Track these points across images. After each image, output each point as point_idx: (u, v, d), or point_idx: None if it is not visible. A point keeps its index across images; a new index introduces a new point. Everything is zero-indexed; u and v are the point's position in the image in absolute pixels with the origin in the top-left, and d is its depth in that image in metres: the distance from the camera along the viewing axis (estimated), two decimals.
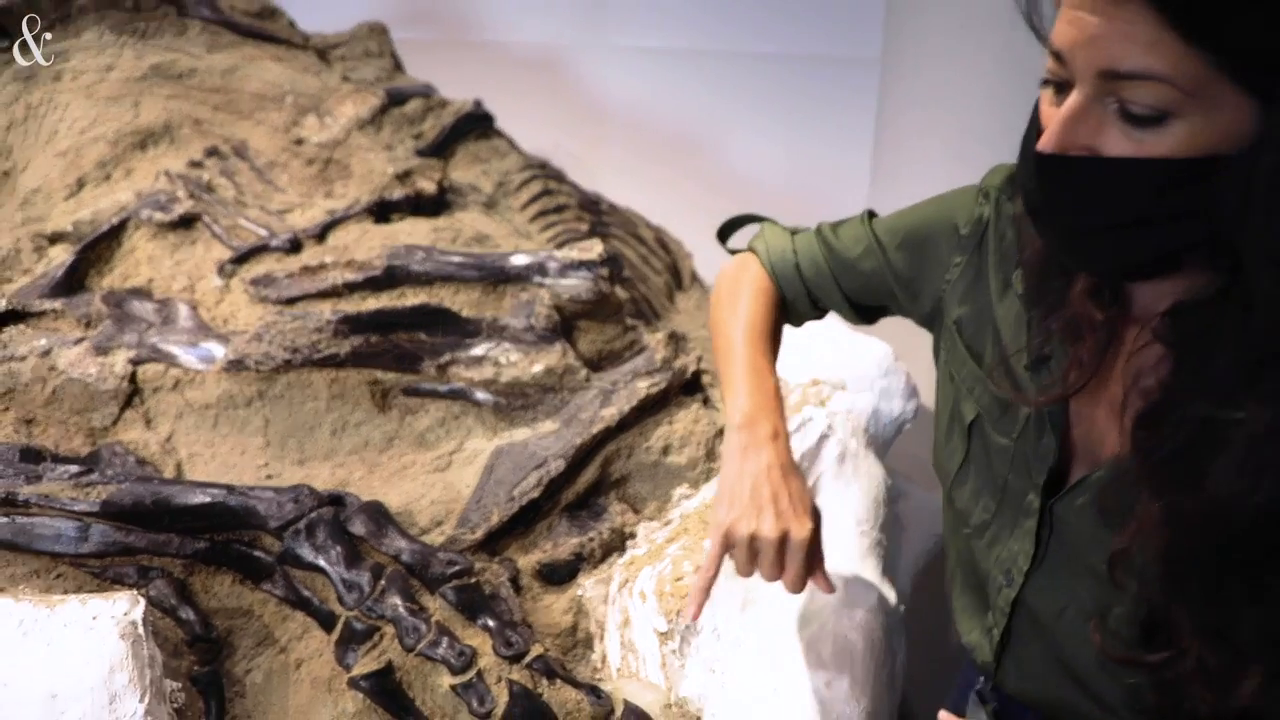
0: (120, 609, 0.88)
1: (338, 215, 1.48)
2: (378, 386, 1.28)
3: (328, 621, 1.01)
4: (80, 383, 1.24)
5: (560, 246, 1.45)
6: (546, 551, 1.15)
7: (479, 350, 1.29)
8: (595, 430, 1.22)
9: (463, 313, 1.31)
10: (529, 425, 1.27)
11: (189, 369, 1.26)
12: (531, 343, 1.29)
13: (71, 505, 1.03)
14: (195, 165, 1.55)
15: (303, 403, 1.25)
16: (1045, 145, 0.66)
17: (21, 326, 1.32)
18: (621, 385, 1.28)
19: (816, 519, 0.92)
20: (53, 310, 1.33)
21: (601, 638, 1.09)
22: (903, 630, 1.19)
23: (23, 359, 1.25)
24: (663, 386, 1.28)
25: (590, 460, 1.23)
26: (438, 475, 1.22)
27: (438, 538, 1.12)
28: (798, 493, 0.91)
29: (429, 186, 1.58)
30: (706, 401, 1.35)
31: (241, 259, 1.40)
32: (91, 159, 1.56)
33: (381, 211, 1.52)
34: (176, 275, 1.40)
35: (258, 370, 1.24)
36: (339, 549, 1.02)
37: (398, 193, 1.54)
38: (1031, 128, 0.71)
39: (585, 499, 1.22)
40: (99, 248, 1.42)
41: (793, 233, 1.06)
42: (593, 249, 1.37)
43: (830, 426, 1.31)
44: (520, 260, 1.36)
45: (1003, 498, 0.85)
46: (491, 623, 1.00)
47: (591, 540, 1.16)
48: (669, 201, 2.08)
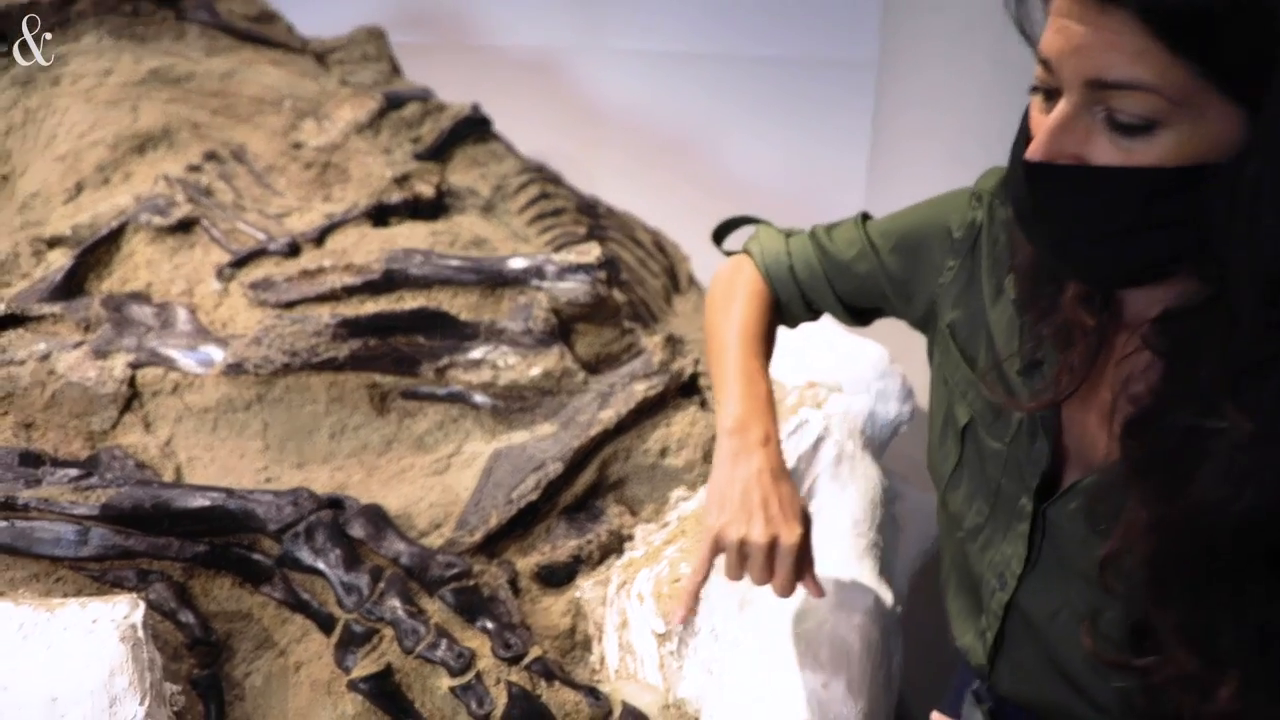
0: (120, 612, 0.88)
1: (336, 219, 1.48)
2: (376, 390, 1.28)
3: (327, 624, 1.01)
4: (79, 386, 1.24)
5: (558, 250, 1.45)
6: (545, 554, 1.15)
7: (477, 353, 1.29)
8: (593, 433, 1.22)
9: (461, 316, 1.31)
10: (527, 428, 1.28)
11: (188, 373, 1.26)
12: (529, 346, 1.30)
13: (71, 509, 1.03)
14: (194, 169, 1.55)
15: (301, 406, 1.26)
16: (1033, 154, 0.66)
17: (20, 330, 1.32)
18: (619, 388, 1.28)
19: (806, 524, 0.92)
20: (52, 314, 1.33)
21: (599, 639, 1.09)
22: (899, 631, 1.20)
23: (22, 363, 1.25)
24: (660, 389, 1.29)
25: (588, 463, 1.23)
26: (436, 478, 1.22)
27: (436, 540, 1.12)
28: (788, 498, 0.91)
29: (427, 190, 1.58)
30: (704, 404, 1.35)
31: (240, 263, 1.40)
32: (90, 163, 1.56)
33: (380, 215, 1.52)
34: (175, 279, 1.40)
35: (256, 374, 1.24)
36: (338, 552, 1.03)
37: (396, 196, 1.54)
38: (1021, 135, 0.71)
39: (583, 501, 1.22)
40: (98, 252, 1.42)
41: (787, 235, 1.06)
42: (590, 252, 1.37)
43: (827, 428, 1.32)
44: (518, 263, 1.36)
45: (996, 501, 0.85)
46: (490, 625, 1.00)
47: (589, 542, 1.17)
48: (666, 205, 2.08)
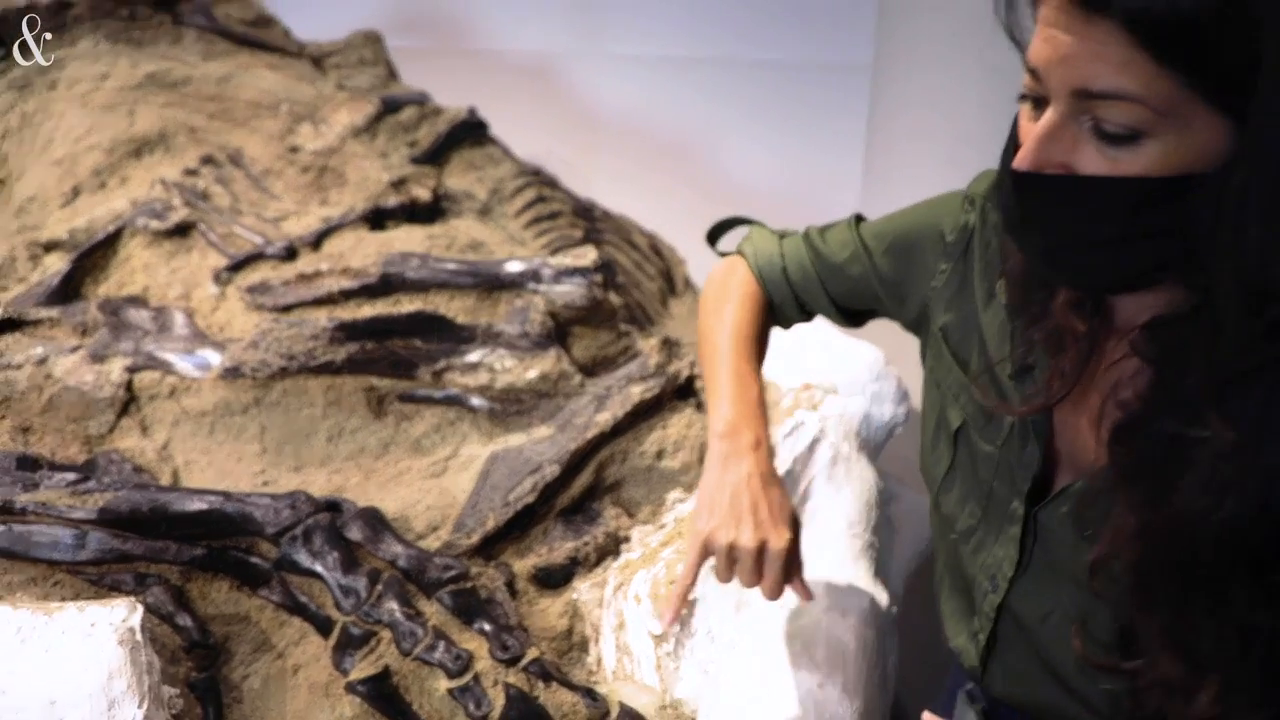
0: (118, 616, 0.88)
1: (333, 223, 1.48)
2: (373, 393, 1.28)
3: (325, 627, 1.01)
4: (76, 390, 1.24)
5: (554, 253, 1.46)
6: (542, 556, 1.16)
7: (474, 356, 1.29)
8: (590, 435, 1.23)
9: (458, 319, 1.32)
10: (524, 431, 1.28)
11: (185, 376, 1.26)
12: (526, 349, 1.30)
13: (68, 513, 1.03)
14: (191, 173, 1.55)
15: (299, 409, 1.26)
16: (1021, 163, 0.67)
17: (17, 335, 1.32)
18: (615, 390, 1.29)
19: (795, 528, 0.93)
20: (49, 318, 1.34)
21: (597, 640, 1.10)
22: (895, 632, 1.20)
23: (19, 367, 1.25)
24: (656, 391, 1.29)
25: (585, 465, 1.23)
26: (433, 481, 1.22)
27: (434, 543, 1.13)
28: (777, 502, 0.92)
29: (424, 194, 1.59)
30: (700, 406, 1.36)
31: (237, 266, 1.40)
32: (87, 167, 1.56)
33: (377, 219, 1.52)
34: (172, 283, 1.40)
35: (254, 377, 1.25)
36: (336, 555, 1.03)
37: (393, 200, 1.55)
38: (1010, 143, 0.71)
39: (580, 503, 1.22)
40: (95, 256, 1.42)
41: (780, 236, 1.06)
42: (586, 255, 1.38)
43: (822, 430, 1.32)
44: (514, 267, 1.37)
45: (988, 504, 0.86)
46: (488, 626, 1.00)
47: (586, 544, 1.17)
48: (662, 208, 2.08)
